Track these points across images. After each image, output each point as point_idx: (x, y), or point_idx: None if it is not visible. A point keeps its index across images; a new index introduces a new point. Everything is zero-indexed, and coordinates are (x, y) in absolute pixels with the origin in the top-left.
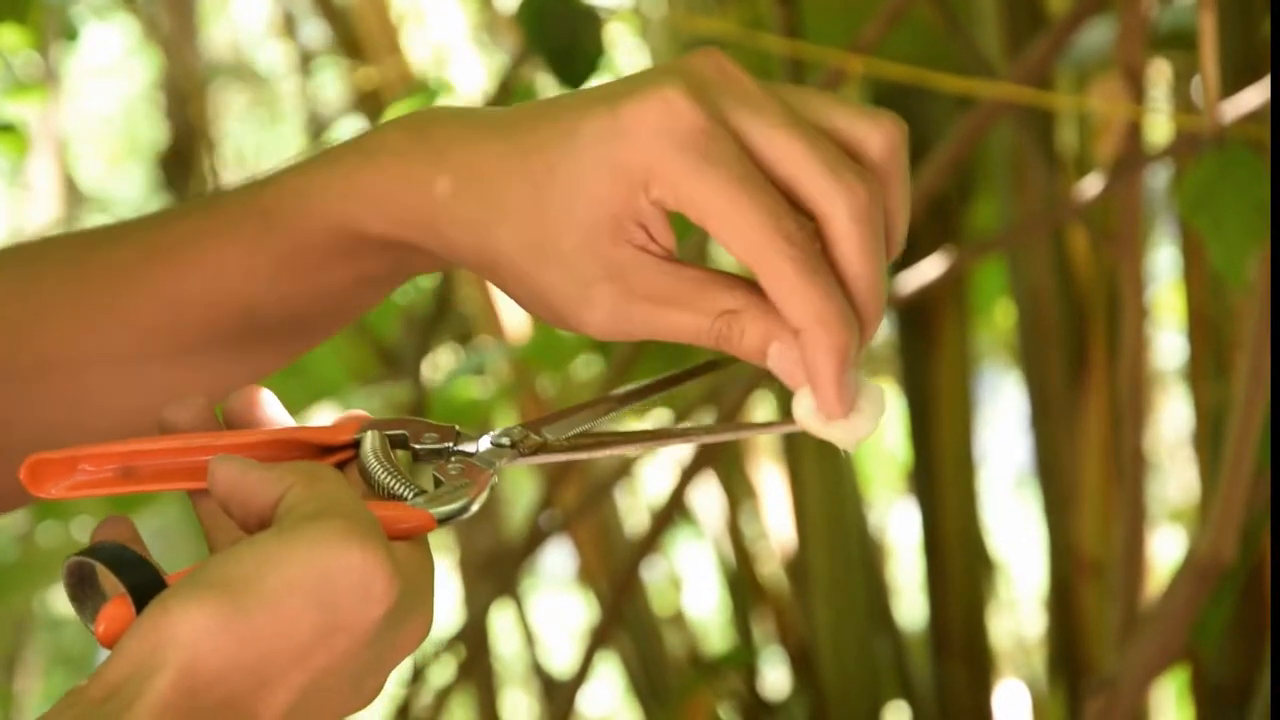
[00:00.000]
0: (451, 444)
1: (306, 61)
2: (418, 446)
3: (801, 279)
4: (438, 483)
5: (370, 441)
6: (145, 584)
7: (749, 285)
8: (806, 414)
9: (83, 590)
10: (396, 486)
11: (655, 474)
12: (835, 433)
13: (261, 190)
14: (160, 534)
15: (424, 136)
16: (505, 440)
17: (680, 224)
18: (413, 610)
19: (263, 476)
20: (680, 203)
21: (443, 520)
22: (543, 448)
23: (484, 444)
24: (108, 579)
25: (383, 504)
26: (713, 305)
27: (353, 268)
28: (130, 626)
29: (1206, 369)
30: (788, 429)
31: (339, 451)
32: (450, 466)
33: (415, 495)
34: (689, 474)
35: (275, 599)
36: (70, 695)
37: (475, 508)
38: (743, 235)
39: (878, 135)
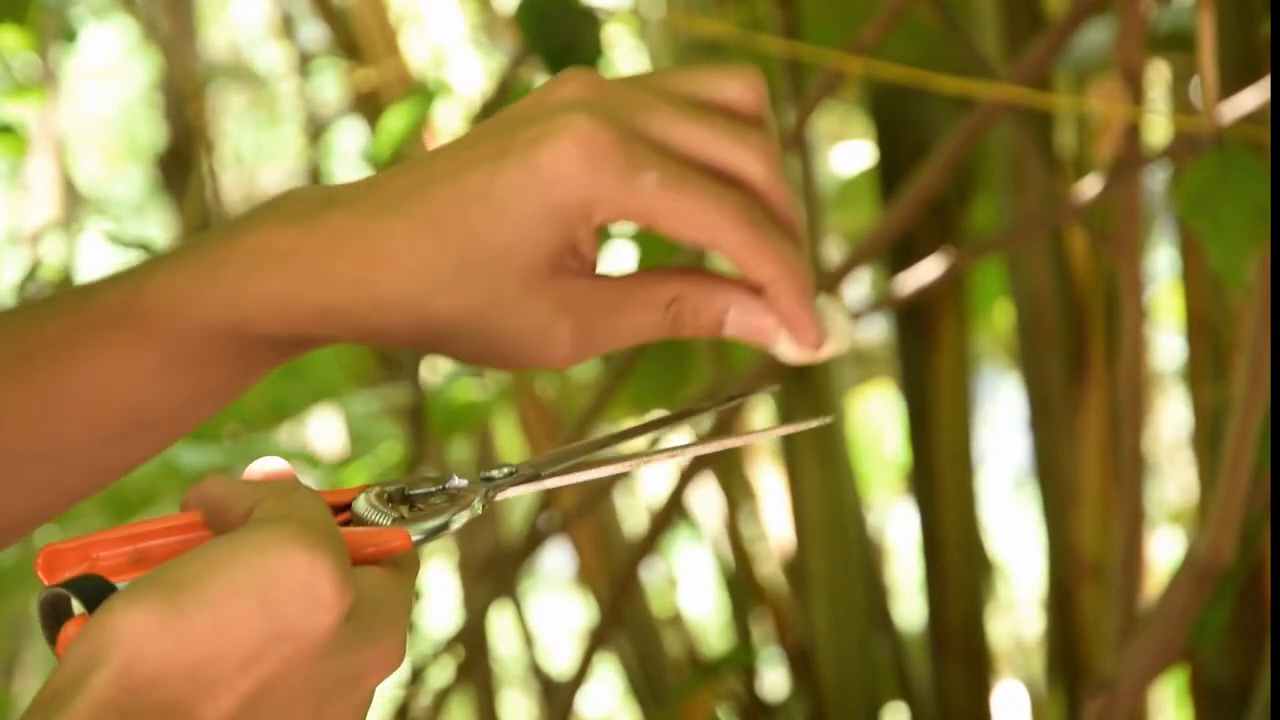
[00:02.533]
0: (445, 484)
1: (305, 63)
2: (414, 493)
3: (760, 237)
4: (415, 507)
5: (365, 495)
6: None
7: (679, 270)
8: (793, 351)
9: (56, 623)
10: (377, 516)
11: (654, 475)
12: (823, 353)
13: (139, 289)
14: None
15: (308, 231)
16: (495, 474)
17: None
18: (375, 633)
19: (239, 489)
20: (627, 215)
21: (421, 540)
22: (533, 478)
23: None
24: (80, 610)
25: (359, 529)
26: (658, 298)
27: (242, 361)
28: (79, 631)
29: (1205, 370)
30: (776, 433)
31: (341, 512)
32: (435, 497)
33: (394, 520)
34: (688, 475)
35: (216, 600)
36: (30, 706)
37: (456, 525)
38: (696, 220)
39: (746, 90)
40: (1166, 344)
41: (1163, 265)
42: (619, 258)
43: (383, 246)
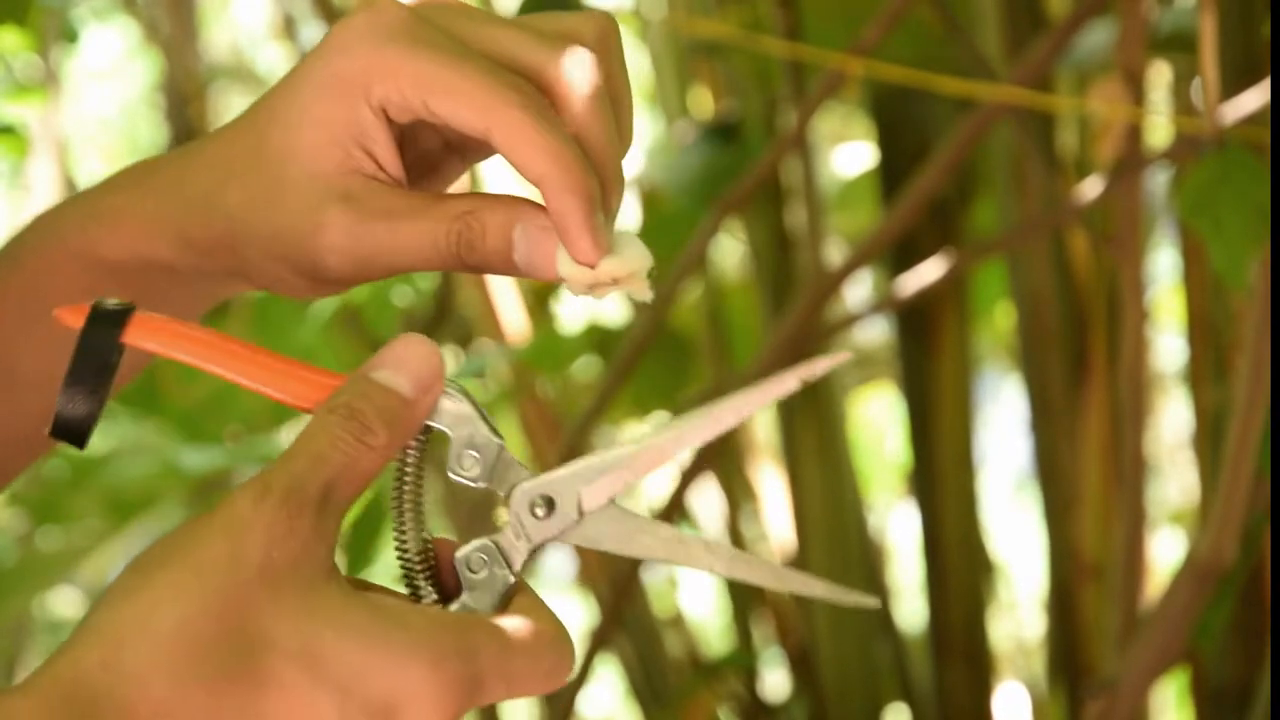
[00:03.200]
0: (486, 478)
1: None
2: (450, 473)
3: (535, 125)
4: (463, 580)
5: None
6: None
7: (478, 194)
8: (570, 271)
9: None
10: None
11: (655, 476)
12: (615, 287)
13: (19, 233)
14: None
15: (167, 157)
16: (540, 511)
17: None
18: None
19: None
20: (403, 92)
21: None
22: (577, 522)
23: (515, 510)
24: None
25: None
26: (447, 211)
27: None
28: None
29: (1206, 371)
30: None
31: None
32: (473, 560)
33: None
34: (689, 476)
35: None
36: None
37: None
38: (470, 98)
39: (590, 24)
40: (1168, 345)
41: (1164, 266)
42: None
43: (203, 151)
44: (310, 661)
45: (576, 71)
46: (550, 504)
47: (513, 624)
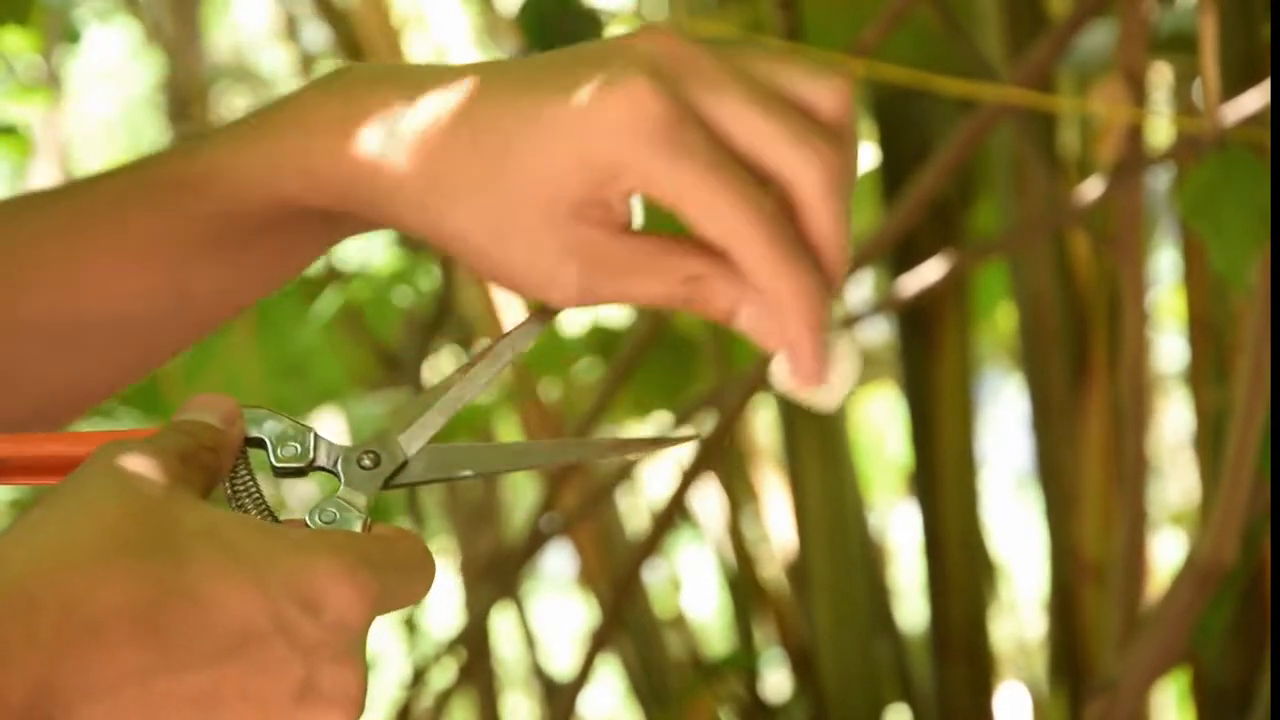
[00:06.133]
0: (309, 457)
1: (309, 64)
2: (277, 464)
3: (779, 256)
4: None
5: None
6: None
7: (705, 249)
8: (786, 378)
9: None
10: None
11: (656, 476)
12: (815, 396)
13: (191, 160)
14: None
15: (360, 105)
16: (367, 461)
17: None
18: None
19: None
20: (652, 191)
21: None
22: (402, 467)
23: (344, 470)
24: None
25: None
26: (677, 271)
27: (285, 238)
28: None
29: (1208, 372)
30: (674, 445)
31: None
32: (321, 513)
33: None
34: (690, 476)
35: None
36: None
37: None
38: (720, 218)
39: (830, 94)
40: (1169, 346)
41: (1165, 267)
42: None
43: (423, 138)
44: (221, 542)
45: (825, 177)
46: (375, 456)
47: (389, 535)
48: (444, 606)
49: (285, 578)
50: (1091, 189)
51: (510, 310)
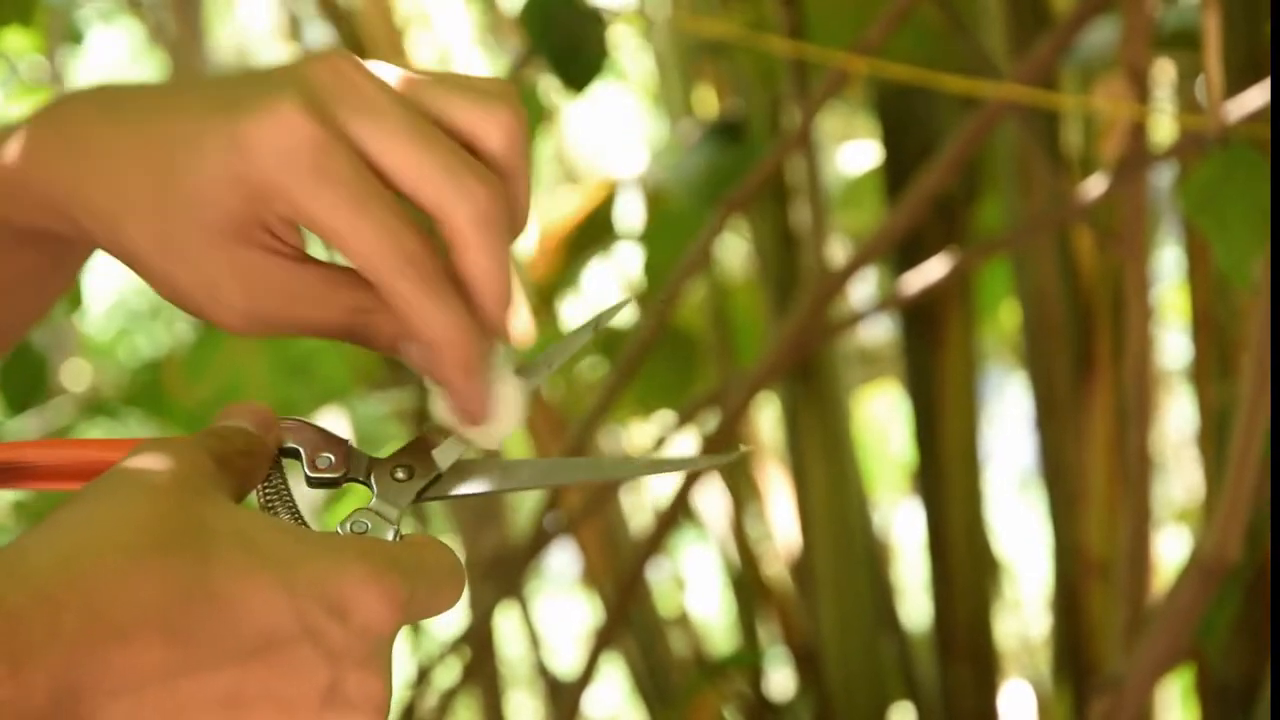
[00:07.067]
0: (343, 469)
1: None
2: (311, 474)
3: (422, 300)
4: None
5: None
6: None
7: (370, 290)
8: (446, 414)
9: None
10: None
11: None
12: (475, 433)
13: None
14: None
15: (60, 125)
16: (401, 474)
17: None
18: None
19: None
20: (300, 219)
21: None
22: (436, 480)
23: (379, 480)
24: None
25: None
26: (344, 301)
27: (6, 262)
28: None
29: (1211, 369)
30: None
31: None
32: (354, 524)
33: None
34: (693, 475)
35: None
36: None
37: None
38: (363, 256)
39: (494, 128)
40: (1173, 342)
41: (1169, 264)
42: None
43: (107, 152)
44: (248, 543)
45: (475, 216)
46: (409, 468)
47: (420, 543)
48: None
49: (313, 581)
50: (1095, 186)
51: (513, 310)
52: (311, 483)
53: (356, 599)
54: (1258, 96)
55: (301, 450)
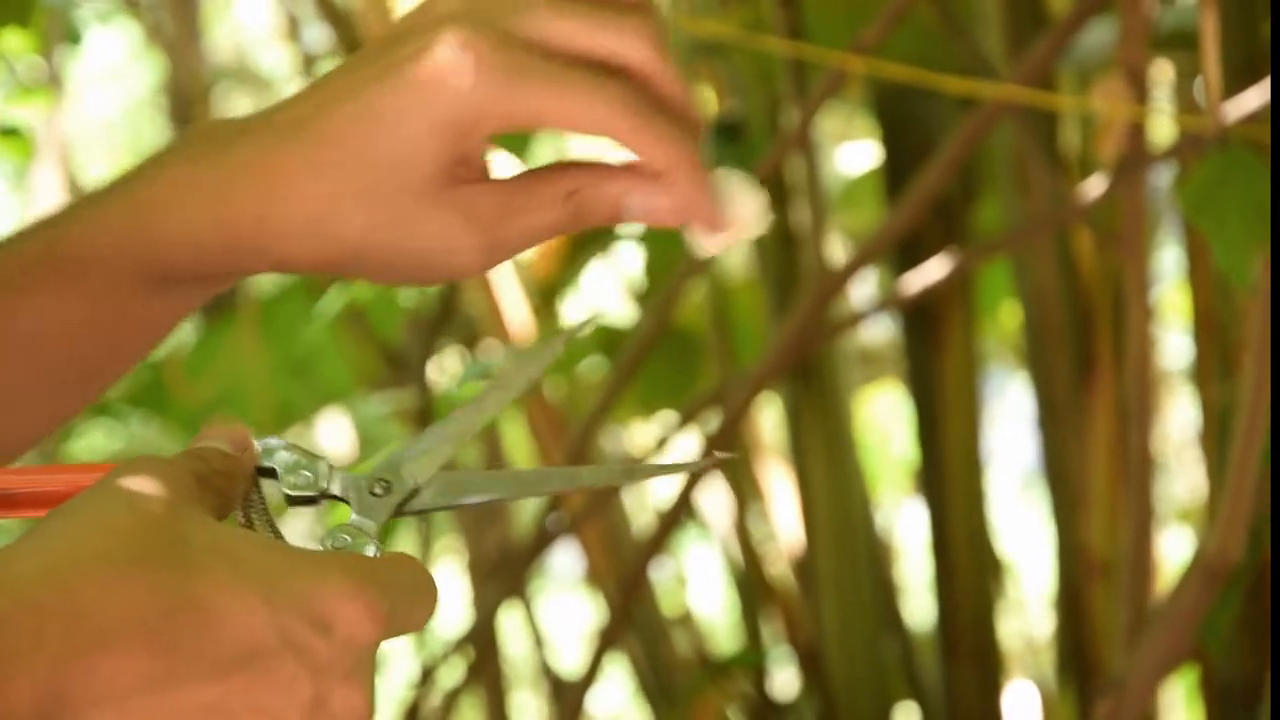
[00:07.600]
0: (322, 485)
1: (310, 65)
2: (289, 491)
3: (647, 126)
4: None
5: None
6: None
7: (574, 163)
8: (700, 239)
9: None
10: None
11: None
12: (732, 237)
13: (61, 235)
14: None
15: (214, 165)
16: (378, 489)
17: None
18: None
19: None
20: (514, 123)
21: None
22: (413, 494)
23: (357, 496)
24: None
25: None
26: (557, 192)
27: (167, 300)
28: None
29: (1213, 369)
30: (701, 466)
31: None
32: (334, 540)
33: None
34: (696, 475)
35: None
36: None
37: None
38: (586, 117)
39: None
40: (1174, 343)
41: (1169, 264)
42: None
43: (280, 176)
44: (230, 557)
45: (650, 46)
46: (386, 484)
47: (396, 560)
48: (452, 605)
49: (295, 595)
50: (1094, 186)
51: (515, 310)
52: (290, 500)
53: (339, 613)
54: (1256, 97)
55: (278, 469)
